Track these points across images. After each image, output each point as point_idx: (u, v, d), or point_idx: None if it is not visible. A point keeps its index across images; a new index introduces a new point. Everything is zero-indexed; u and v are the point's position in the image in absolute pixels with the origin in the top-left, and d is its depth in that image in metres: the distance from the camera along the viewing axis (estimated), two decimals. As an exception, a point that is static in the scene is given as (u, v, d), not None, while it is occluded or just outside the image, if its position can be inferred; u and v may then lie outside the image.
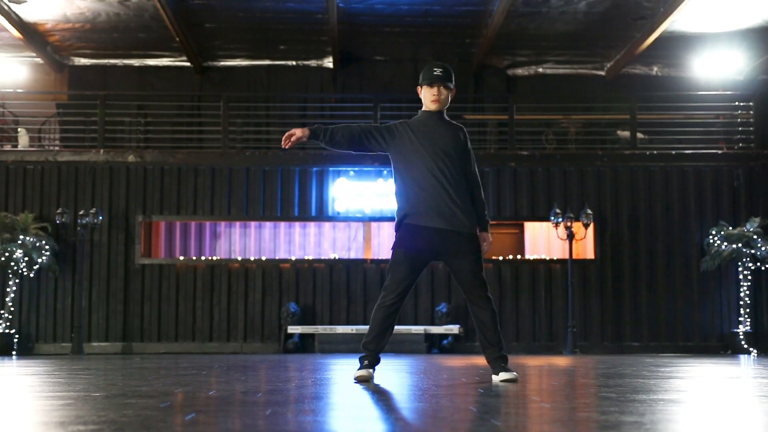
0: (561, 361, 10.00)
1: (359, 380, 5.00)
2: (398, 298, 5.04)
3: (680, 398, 3.86)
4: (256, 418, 2.95)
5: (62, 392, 4.18)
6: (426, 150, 5.04)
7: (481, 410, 3.26)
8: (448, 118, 5.25)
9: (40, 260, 13.77)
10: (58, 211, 13.85)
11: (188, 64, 16.41)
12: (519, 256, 14.83)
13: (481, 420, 2.92)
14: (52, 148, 15.39)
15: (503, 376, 4.97)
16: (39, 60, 16.16)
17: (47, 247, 13.84)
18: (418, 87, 5.19)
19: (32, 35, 15.11)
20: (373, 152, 5.28)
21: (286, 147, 5.09)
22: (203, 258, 14.75)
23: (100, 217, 14.00)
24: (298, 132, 5.07)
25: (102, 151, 14.64)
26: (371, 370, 5.11)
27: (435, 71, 5.11)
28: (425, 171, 5.02)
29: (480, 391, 4.33)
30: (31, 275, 13.93)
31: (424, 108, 5.20)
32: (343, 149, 5.23)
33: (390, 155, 5.18)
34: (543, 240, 16.00)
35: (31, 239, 13.68)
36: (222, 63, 16.70)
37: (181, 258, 14.78)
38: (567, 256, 14.00)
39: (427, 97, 5.14)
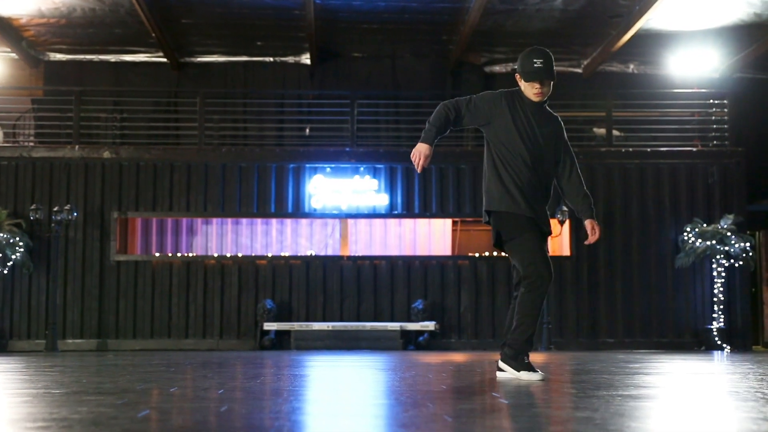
0: (535, 357, 10.03)
1: (541, 380, 4.77)
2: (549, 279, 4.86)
3: (640, 394, 3.88)
4: (209, 414, 2.94)
5: (23, 389, 4.15)
6: (525, 142, 4.89)
7: (437, 405, 3.27)
8: (547, 109, 5.06)
9: (13, 257, 13.68)
10: (32, 207, 13.76)
11: (165, 60, 16.33)
12: (495, 253, 14.87)
13: (434, 415, 2.92)
14: (26, 143, 15.29)
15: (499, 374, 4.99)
16: (14, 55, 16.04)
17: (21, 243, 13.76)
18: (517, 75, 4.96)
19: (7, 30, 15.00)
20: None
21: (420, 170, 4.92)
22: (179, 255, 14.71)
23: (75, 214, 13.92)
24: (422, 152, 4.83)
25: (77, 147, 14.55)
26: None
27: (536, 63, 4.83)
28: (522, 163, 4.90)
29: (443, 388, 4.34)
30: (5, 272, 13.84)
31: (524, 93, 4.96)
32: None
33: (485, 134, 5.01)
34: (520, 237, 16.01)
35: (5, 235, 13.59)
36: (199, 59, 16.64)
37: (157, 254, 14.73)
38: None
39: (528, 90, 4.92)
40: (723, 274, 14.14)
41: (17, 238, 13.72)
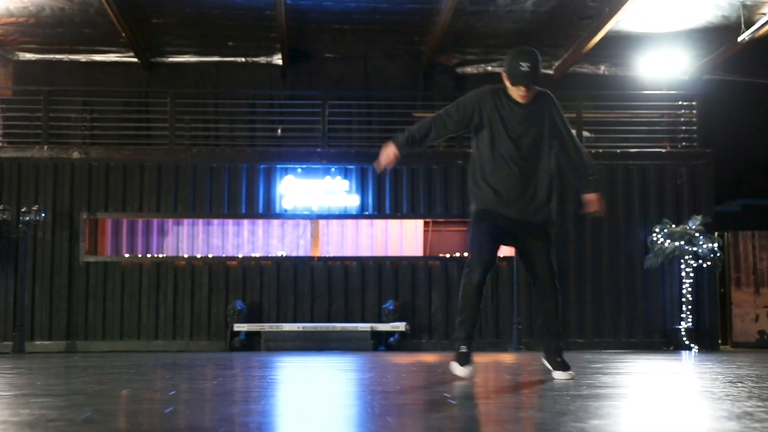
0: (504, 357, 10.08)
1: (463, 378, 4.75)
2: (484, 274, 4.85)
3: (591, 393, 3.90)
4: (152, 416, 2.93)
5: (-27, 392, 4.12)
6: (511, 138, 4.92)
7: (382, 407, 3.28)
8: (537, 89, 4.99)
9: (-19, 258, 13.55)
10: (0, 208, 13.63)
11: (136, 59, 16.23)
12: (466, 254, 14.88)
13: (379, 417, 2.93)
14: (-6, 144, 15.13)
15: (559, 375, 4.95)
16: (-18, 54, 15.91)
17: (-12, 244, 13.64)
18: (503, 72, 4.96)
19: (-26, 29, 14.87)
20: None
21: (380, 171, 5.05)
22: (149, 255, 14.62)
23: (44, 214, 13.80)
24: (390, 154, 4.99)
25: (46, 147, 14.43)
26: (473, 366, 4.86)
27: (522, 67, 4.83)
28: (508, 159, 4.93)
29: (397, 388, 4.35)
30: (-28, 273, 13.71)
31: (509, 92, 4.97)
32: (430, 144, 5.20)
33: (472, 130, 5.08)
34: (491, 237, 16.05)
35: (-28, 236, 13.46)
36: (170, 59, 16.55)
37: (127, 255, 14.64)
38: (513, 254, 14.08)
39: (513, 91, 4.93)
40: (691, 275, 14.23)
41: (-16, 239, 13.60)
